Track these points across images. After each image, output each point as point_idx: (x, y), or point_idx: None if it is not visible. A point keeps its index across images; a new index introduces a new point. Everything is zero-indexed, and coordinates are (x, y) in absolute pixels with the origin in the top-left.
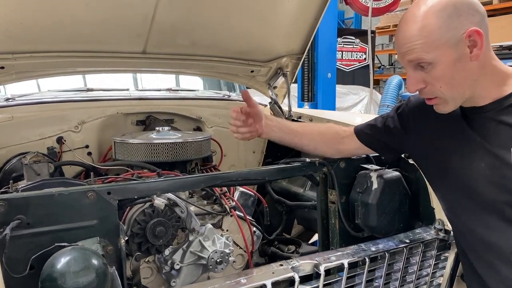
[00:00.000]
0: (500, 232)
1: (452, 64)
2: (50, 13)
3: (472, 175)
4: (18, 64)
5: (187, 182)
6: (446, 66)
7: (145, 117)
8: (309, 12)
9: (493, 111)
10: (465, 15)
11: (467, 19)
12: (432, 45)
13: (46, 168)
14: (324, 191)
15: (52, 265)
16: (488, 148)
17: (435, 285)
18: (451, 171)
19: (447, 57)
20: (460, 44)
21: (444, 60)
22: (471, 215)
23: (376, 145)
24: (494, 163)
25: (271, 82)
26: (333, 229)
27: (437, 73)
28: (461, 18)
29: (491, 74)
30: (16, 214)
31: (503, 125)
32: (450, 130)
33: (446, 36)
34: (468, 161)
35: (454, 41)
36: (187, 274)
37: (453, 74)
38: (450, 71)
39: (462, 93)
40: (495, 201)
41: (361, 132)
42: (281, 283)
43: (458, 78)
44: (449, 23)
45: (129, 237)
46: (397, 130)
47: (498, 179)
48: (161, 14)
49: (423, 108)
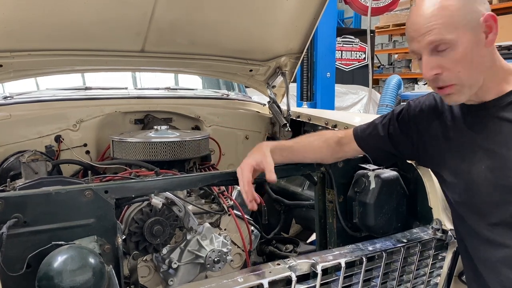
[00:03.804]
0: (504, 234)
1: (470, 47)
2: (49, 11)
3: (473, 178)
4: (16, 62)
5: (185, 181)
6: (465, 48)
7: (144, 116)
8: (308, 11)
9: (495, 107)
10: (479, 1)
11: (481, 5)
12: (453, 25)
13: (44, 166)
14: (322, 190)
15: (49, 264)
16: (488, 147)
17: (432, 284)
18: (453, 175)
19: (467, 40)
20: (478, 28)
21: (464, 42)
22: (476, 218)
23: (380, 155)
24: (494, 163)
25: (270, 81)
26: (331, 228)
27: (456, 56)
28: (477, 3)
29: (496, 69)
30: (13, 212)
31: (504, 122)
32: (451, 133)
33: (467, 18)
34: (468, 164)
35: (473, 24)
36: (185, 273)
37: (472, 58)
38: (470, 54)
39: (478, 80)
40: (498, 203)
41: (364, 142)
42: (278, 282)
43: (476, 63)
44: (468, 5)
45: (127, 236)
46: (401, 138)
47: (499, 181)
48: (160, 12)
49: (424, 112)
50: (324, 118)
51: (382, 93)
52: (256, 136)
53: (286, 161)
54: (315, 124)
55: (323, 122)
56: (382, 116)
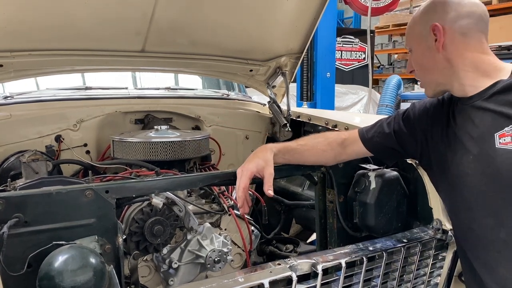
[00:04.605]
0: (493, 228)
1: (421, 52)
2: (49, 11)
3: (464, 169)
4: (16, 62)
5: (185, 181)
6: (417, 53)
7: (144, 116)
8: (308, 11)
9: (479, 100)
10: (439, 10)
11: (440, 15)
12: (410, 34)
13: (44, 166)
14: (322, 190)
15: (49, 264)
16: (474, 137)
17: (432, 284)
18: (447, 170)
19: (418, 46)
20: (428, 35)
21: (416, 48)
22: (468, 213)
23: (384, 153)
24: (480, 152)
25: (270, 81)
26: (331, 228)
27: (412, 58)
28: (435, 14)
29: (474, 67)
30: (14, 212)
31: (487, 112)
32: (443, 129)
33: (419, 28)
34: (459, 156)
35: (424, 33)
36: (185, 273)
37: (422, 61)
38: (420, 58)
39: (434, 79)
40: (487, 193)
41: (370, 140)
42: (279, 282)
43: (427, 65)
44: (424, 17)
45: (127, 236)
46: (405, 135)
47: (486, 168)
48: (160, 12)
49: (427, 112)
50: (324, 118)
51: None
52: (256, 136)
53: (288, 163)
54: (315, 124)
55: (323, 122)
56: (386, 117)
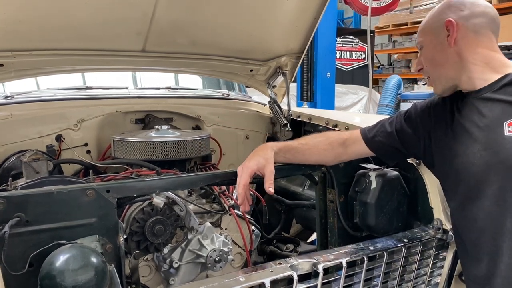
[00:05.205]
0: (499, 217)
1: (432, 47)
2: (50, 11)
3: (469, 160)
4: (17, 62)
5: (186, 180)
6: (428, 48)
7: (144, 116)
8: (309, 11)
9: (489, 92)
10: (453, 9)
11: (454, 12)
12: (423, 31)
13: (45, 166)
14: (323, 190)
15: (51, 263)
16: (481, 126)
17: (433, 284)
18: (452, 163)
19: (430, 42)
20: (441, 31)
21: (427, 44)
22: (474, 202)
23: (386, 152)
24: (487, 140)
25: (271, 81)
26: (332, 228)
27: (423, 54)
28: (448, 11)
29: (484, 62)
30: (15, 211)
31: (497, 102)
32: (447, 124)
33: (433, 25)
34: (464, 147)
35: (437, 29)
36: (186, 273)
37: (434, 56)
38: (431, 52)
39: (444, 74)
40: (494, 182)
41: (372, 140)
42: (280, 281)
43: (439, 59)
44: (438, 14)
45: (128, 235)
46: (407, 134)
47: (494, 157)
48: (160, 12)
49: (429, 111)
50: (324, 118)
51: (382, 93)
52: (256, 136)
53: (289, 162)
54: (316, 124)
55: (324, 122)
56: (388, 117)
